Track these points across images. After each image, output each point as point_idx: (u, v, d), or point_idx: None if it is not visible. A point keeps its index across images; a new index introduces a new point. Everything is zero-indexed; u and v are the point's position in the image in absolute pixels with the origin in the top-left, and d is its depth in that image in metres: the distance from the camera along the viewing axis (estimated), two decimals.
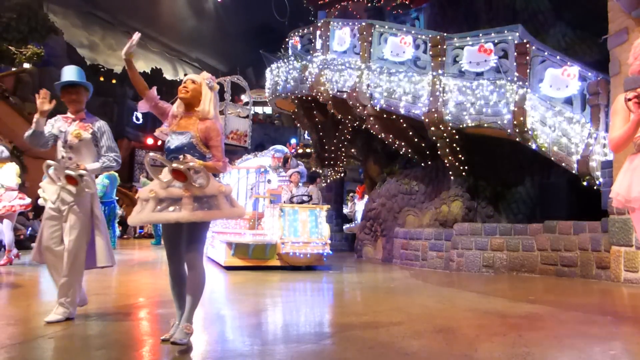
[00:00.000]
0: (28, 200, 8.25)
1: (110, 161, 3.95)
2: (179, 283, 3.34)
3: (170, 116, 3.36)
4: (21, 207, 8.21)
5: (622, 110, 2.74)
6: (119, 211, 13.75)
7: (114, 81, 31.78)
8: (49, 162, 3.90)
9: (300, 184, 9.40)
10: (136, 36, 3.36)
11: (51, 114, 3.97)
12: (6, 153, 8.40)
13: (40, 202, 9.83)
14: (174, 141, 3.25)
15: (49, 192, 3.95)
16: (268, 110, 35.62)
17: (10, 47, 22.61)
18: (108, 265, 4.08)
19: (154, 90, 3.45)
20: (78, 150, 3.90)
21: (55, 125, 3.96)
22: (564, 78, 8.23)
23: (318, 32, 11.20)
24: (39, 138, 3.85)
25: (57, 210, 3.89)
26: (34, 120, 3.77)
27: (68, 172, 3.77)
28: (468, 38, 9.00)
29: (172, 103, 3.45)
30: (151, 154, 3.32)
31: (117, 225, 13.31)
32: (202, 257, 3.39)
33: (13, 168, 8.26)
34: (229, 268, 8.12)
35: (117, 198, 12.75)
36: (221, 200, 3.22)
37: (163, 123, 3.41)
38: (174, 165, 3.11)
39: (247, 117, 13.82)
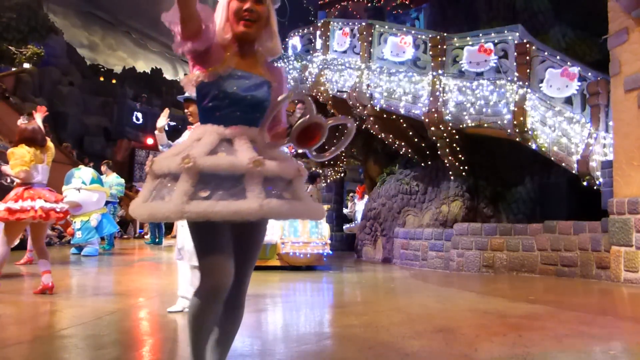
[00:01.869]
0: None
1: None
2: (213, 329, 2.02)
3: (219, 46, 1.96)
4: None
5: None
6: (120, 211, 13.86)
7: (114, 81, 31.80)
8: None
9: None
10: None
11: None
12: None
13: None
14: (242, 85, 1.95)
15: None
16: None
17: (10, 47, 22.62)
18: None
19: None
20: None
21: (183, 135, 4.38)
22: (564, 78, 8.22)
23: (318, 32, 11.20)
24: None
25: None
26: (156, 134, 4.51)
27: None
28: (468, 38, 9.00)
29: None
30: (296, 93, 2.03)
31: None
32: None
33: None
34: None
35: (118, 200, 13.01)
36: None
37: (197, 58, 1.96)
38: (322, 120, 1.87)
39: None
